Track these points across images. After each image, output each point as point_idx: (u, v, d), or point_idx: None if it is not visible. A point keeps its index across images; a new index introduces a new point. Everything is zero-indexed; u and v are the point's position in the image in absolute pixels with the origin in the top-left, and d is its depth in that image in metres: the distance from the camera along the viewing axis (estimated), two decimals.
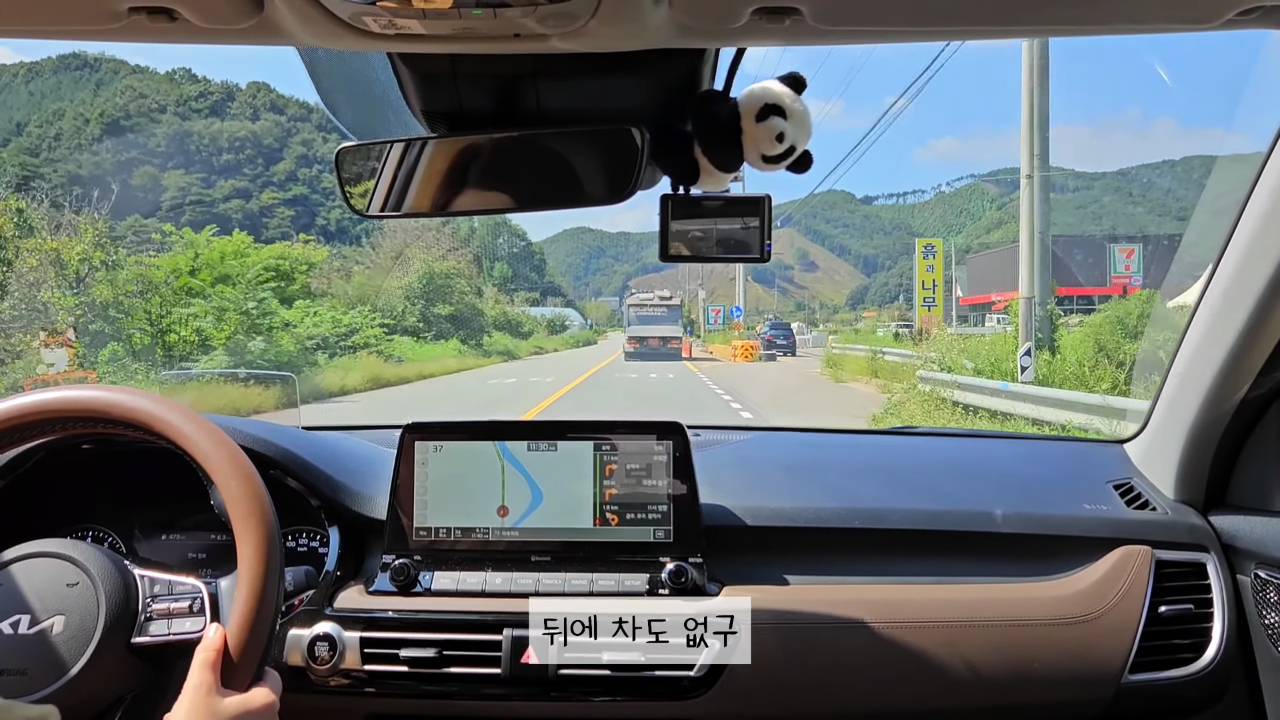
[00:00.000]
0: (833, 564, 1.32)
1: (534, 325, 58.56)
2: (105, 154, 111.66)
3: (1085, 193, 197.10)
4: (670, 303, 35.71)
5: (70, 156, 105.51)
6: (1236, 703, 1.30)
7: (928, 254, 33.14)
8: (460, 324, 33.86)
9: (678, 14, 0.68)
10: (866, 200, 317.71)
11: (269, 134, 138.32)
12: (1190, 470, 1.40)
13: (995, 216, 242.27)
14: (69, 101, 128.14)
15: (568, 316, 77.61)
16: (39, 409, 0.94)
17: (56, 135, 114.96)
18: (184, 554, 1.39)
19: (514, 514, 1.30)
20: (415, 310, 31.25)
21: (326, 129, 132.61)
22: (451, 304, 33.41)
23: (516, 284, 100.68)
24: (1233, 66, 29.93)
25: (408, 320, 30.24)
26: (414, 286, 32.15)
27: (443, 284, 33.31)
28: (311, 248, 26.78)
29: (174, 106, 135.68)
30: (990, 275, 50.19)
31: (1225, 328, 1.25)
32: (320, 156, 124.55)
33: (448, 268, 34.06)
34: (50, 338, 12.86)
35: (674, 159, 1.04)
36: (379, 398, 16.73)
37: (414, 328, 30.17)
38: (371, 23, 0.67)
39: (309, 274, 24.47)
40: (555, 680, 1.20)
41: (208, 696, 0.83)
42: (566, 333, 65.72)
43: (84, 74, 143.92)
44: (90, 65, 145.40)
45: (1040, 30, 0.76)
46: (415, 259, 33.93)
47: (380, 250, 36.32)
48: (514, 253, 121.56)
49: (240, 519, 0.91)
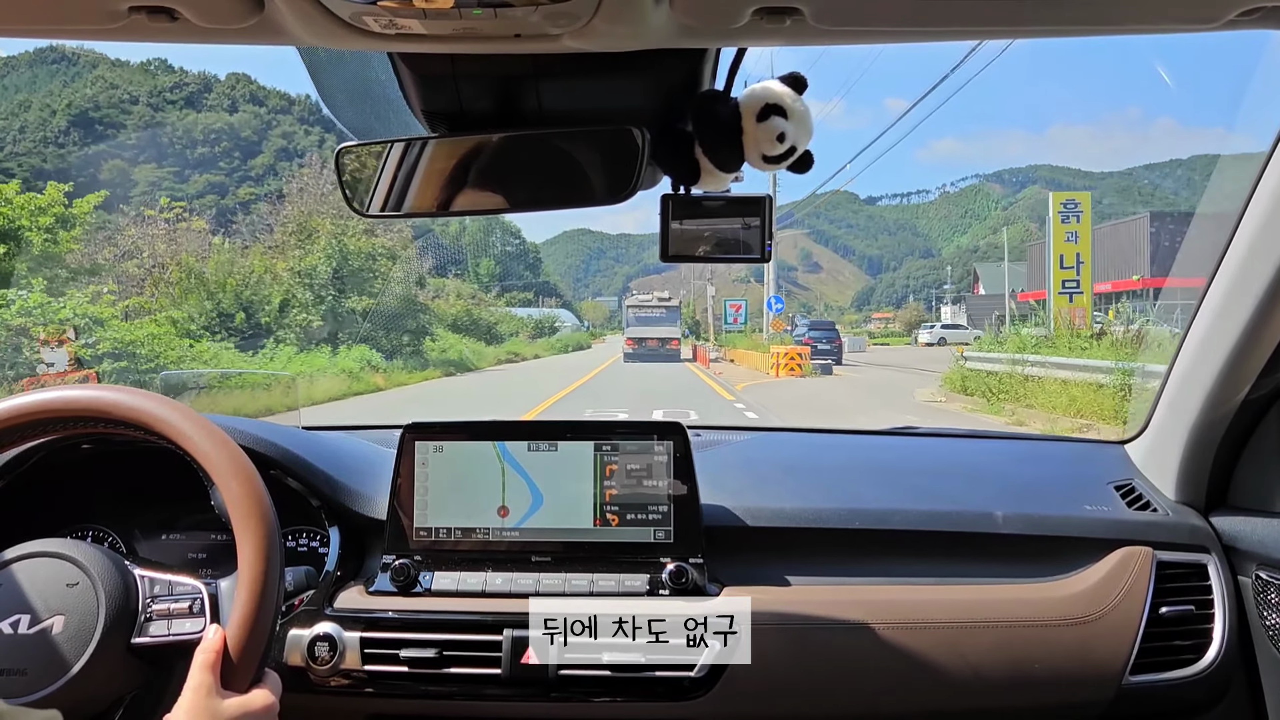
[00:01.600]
0: (833, 565, 1.32)
1: (518, 326, 51.51)
2: (72, 147, 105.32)
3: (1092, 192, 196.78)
4: (669, 304, 34.81)
5: (35, 150, 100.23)
6: (1237, 704, 1.30)
7: (1068, 215, 20.30)
8: (391, 323, 24.36)
9: (678, 14, 0.68)
10: (870, 201, 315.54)
11: (247, 126, 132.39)
12: (1191, 471, 1.40)
13: (1001, 216, 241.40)
14: (38, 93, 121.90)
15: (558, 317, 69.62)
16: (39, 409, 0.94)
17: (21, 128, 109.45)
18: (184, 554, 1.39)
19: (514, 514, 1.30)
20: (310, 300, 21.63)
21: (309, 121, 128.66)
22: (371, 296, 23.50)
23: (510, 283, 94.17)
24: (1239, 67, 29.42)
25: (274, 315, 20.66)
26: (314, 271, 22.27)
27: (361, 269, 23.61)
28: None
29: (146, 98, 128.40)
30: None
31: (1226, 329, 1.25)
32: (302, 150, 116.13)
33: (368, 247, 24.05)
34: (50, 337, 12.72)
35: (675, 159, 1.04)
36: None
37: (295, 323, 20.82)
38: (372, 22, 0.67)
39: (45, 233, 13.90)
40: (555, 681, 1.19)
41: (208, 697, 0.83)
42: (557, 335, 57.42)
43: (61, 67, 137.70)
44: (68, 59, 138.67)
45: (1041, 30, 0.76)
46: (322, 232, 23.37)
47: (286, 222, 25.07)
48: (508, 251, 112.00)
49: (240, 519, 0.91)
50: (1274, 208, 1.14)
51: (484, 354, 32.62)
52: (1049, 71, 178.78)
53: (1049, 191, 27.03)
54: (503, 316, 49.94)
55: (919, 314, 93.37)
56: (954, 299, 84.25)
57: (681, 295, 57.17)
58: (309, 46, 0.78)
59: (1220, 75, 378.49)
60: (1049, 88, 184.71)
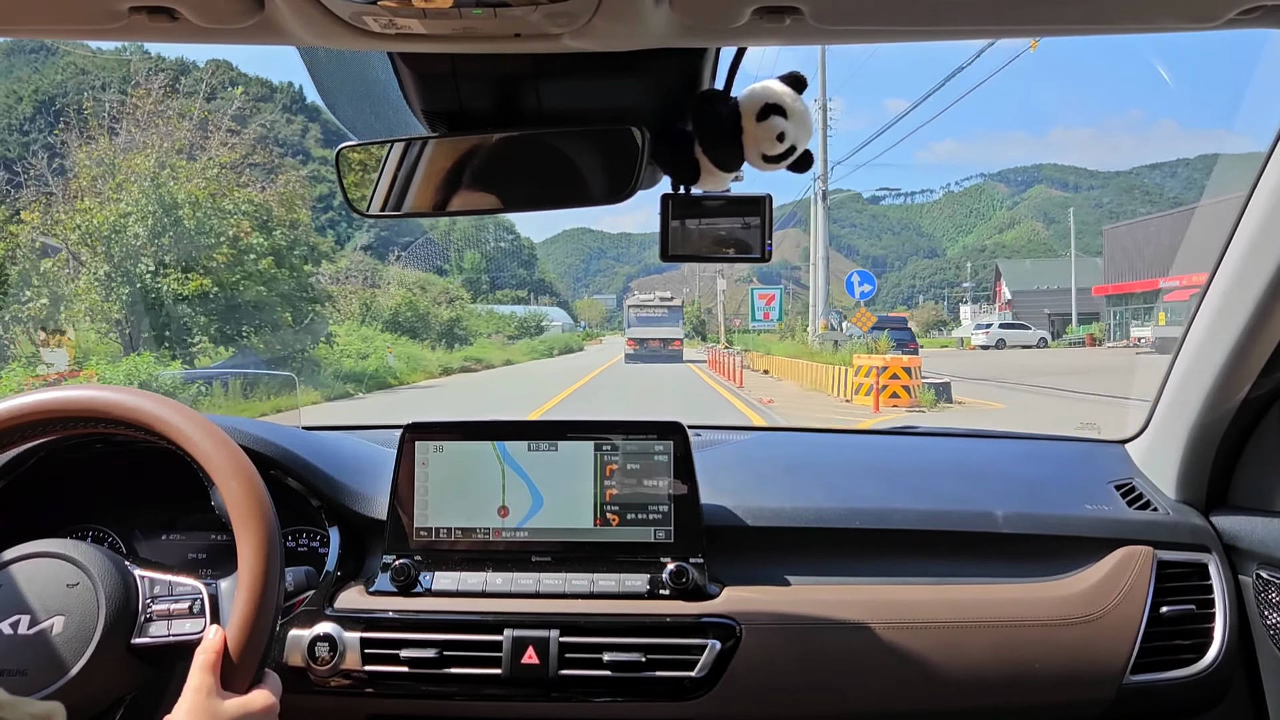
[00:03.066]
0: (834, 564, 1.32)
1: (499, 325, 44.27)
2: (37, 135, 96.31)
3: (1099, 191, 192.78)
4: (671, 304, 34.23)
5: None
6: (1238, 703, 1.30)
7: None
8: (240, 318, 15.93)
9: (678, 13, 0.68)
10: (873, 200, 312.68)
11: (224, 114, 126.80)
12: (1192, 470, 1.40)
13: (1007, 216, 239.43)
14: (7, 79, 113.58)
15: (544, 316, 60.49)
16: (39, 409, 0.93)
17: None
18: (184, 554, 1.39)
19: (514, 514, 1.30)
20: (105, 276, 14.13)
21: (291, 109, 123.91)
22: (210, 273, 15.03)
23: (502, 280, 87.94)
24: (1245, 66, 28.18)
25: None
26: (118, 231, 14.34)
27: (205, 230, 15.13)
28: None
29: (119, 84, 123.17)
30: (1132, 255, 36.06)
31: (1226, 328, 1.25)
32: (283, 139, 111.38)
33: (232, 200, 16.05)
34: (50, 337, 12.63)
35: (675, 158, 1.04)
36: None
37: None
38: (372, 22, 0.67)
39: None
40: (555, 681, 1.19)
41: (208, 698, 0.83)
42: (543, 336, 48.22)
43: (39, 56, 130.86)
44: (47, 48, 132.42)
45: (1040, 30, 0.76)
46: (138, 175, 14.98)
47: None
48: (501, 247, 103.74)
49: (240, 519, 0.91)
50: (1274, 207, 1.14)
51: (424, 362, 24.21)
52: (1054, 71, 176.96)
53: (1055, 191, 25.77)
54: (471, 313, 41.13)
55: (936, 314, 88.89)
56: (973, 298, 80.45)
57: (685, 293, 54.92)
58: (309, 46, 0.78)
59: (1226, 74, 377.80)
60: (1056, 88, 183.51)
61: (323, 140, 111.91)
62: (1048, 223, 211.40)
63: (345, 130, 1.11)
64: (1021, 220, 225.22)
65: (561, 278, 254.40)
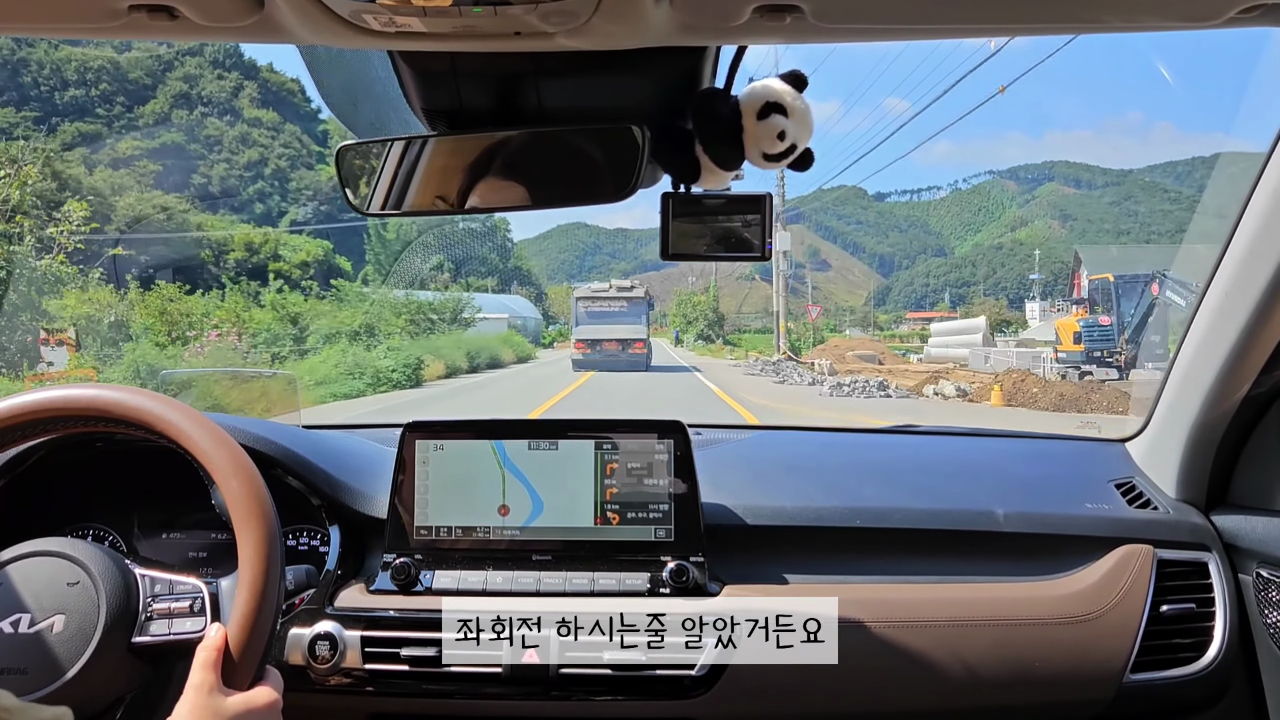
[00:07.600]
0: (834, 563, 1.32)
1: (415, 313, 27.11)
2: None
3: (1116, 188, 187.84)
4: (630, 294, 26.46)
5: None
6: (1238, 702, 1.30)
7: None
8: None
9: (679, 12, 0.68)
10: (879, 197, 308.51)
11: (139, 66, 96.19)
12: (1192, 469, 1.40)
13: (1018, 214, 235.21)
14: None
15: (480, 307, 35.66)
16: (39, 408, 0.93)
17: None
18: (184, 553, 1.39)
19: (515, 513, 1.30)
20: None
21: (224, 65, 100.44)
22: None
23: (470, 266, 71.01)
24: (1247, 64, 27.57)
25: None
26: None
27: None
28: None
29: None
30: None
31: (1227, 327, 1.25)
32: (208, 97, 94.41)
33: None
34: (50, 335, 12.64)
35: (675, 157, 1.04)
36: None
37: None
38: (372, 20, 0.67)
39: None
40: (556, 679, 1.20)
41: (209, 696, 0.83)
42: (474, 331, 31.21)
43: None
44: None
45: (1040, 29, 0.76)
46: None
47: None
48: (471, 228, 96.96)
49: (241, 518, 0.91)
50: (1274, 207, 1.14)
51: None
52: (1060, 72, 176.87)
53: (1068, 188, 24.23)
54: (354, 295, 26.62)
55: (1000, 313, 73.44)
56: (1042, 293, 71.00)
57: (691, 282, 51.00)
58: (309, 45, 0.78)
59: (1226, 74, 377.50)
60: (1060, 88, 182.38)
61: (259, 100, 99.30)
62: (1063, 221, 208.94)
63: (346, 129, 1.11)
64: (1034, 218, 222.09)
65: (554, 274, 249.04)
